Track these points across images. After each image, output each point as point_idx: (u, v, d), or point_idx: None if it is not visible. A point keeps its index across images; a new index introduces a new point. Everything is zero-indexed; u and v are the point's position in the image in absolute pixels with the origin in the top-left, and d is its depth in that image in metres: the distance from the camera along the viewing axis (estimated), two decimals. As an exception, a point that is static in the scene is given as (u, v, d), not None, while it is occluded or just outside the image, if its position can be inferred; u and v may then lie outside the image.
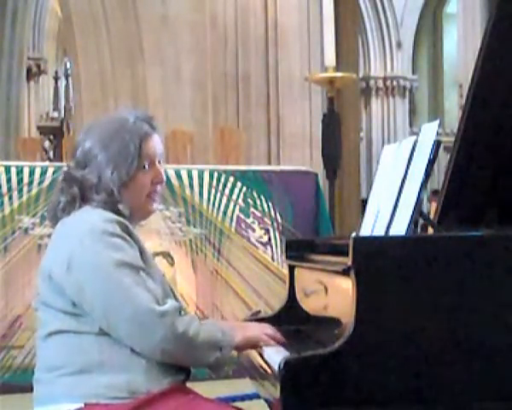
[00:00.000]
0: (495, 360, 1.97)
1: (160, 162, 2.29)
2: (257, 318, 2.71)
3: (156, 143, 2.27)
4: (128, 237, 2.16)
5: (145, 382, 2.10)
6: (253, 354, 2.34)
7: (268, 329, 2.31)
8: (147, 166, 2.24)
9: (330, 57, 5.77)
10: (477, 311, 1.98)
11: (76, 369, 2.11)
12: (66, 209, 2.23)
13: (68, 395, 2.10)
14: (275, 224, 5.57)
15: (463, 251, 2.00)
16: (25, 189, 5.02)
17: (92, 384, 2.09)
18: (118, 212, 2.21)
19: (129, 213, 2.23)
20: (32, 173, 5.04)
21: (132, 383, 2.09)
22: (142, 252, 2.20)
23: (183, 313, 2.17)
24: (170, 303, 2.14)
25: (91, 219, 2.16)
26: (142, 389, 2.09)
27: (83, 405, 2.08)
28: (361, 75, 16.36)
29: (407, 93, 19.38)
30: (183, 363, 2.19)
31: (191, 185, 5.36)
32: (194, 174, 5.38)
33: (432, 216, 2.36)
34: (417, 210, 2.12)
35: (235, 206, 5.49)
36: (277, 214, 5.58)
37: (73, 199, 2.22)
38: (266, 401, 2.24)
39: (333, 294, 2.27)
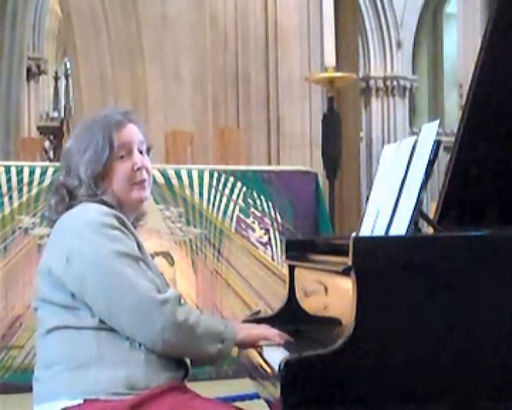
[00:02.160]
0: (495, 360, 1.97)
1: (141, 151, 2.29)
2: (257, 318, 2.71)
3: (131, 132, 2.28)
4: (126, 230, 2.18)
5: (144, 376, 2.10)
6: (253, 353, 2.34)
7: (272, 329, 2.33)
8: (124, 155, 2.25)
9: (330, 57, 5.77)
10: (477, 311, 1.98)
11: (75, 364, 2.11)
12: (59, 208, 2.25)
13: (68, 391, 2.10)
14: (275, 224, 5.57)
15: (463, 251, 2.00)
16: (25, 189, 5.02)
17: (91, 380, 2.09)
18: (106, 204, 2.22)
19: (117, 204, 2.24)
20: (32, 173, 5.04)
21: (131, 377, 2.09)
22: (139, 245, 2.22)
23: (182, 301, 2.18)
24: (170, 291, 2.16)
25: (88, 213, 2.18)
26: (141, 383, 2.09)
27: (82, 401, 2.08)
28: (361, 75, 16.34)
29: (407, 93, 19.35)
30: (184, 354, 2.19)
31: (191, 185, 5.35)
32: (194, 174, 5.37)
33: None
34: (417, 210, 2.12)
35: (235, 206, 5.49)
36: (277, 214, 5.57)
37: (62, 198, 2.25)
38: (266, 401, 2.24)
39: (333, 294, 2.27)
